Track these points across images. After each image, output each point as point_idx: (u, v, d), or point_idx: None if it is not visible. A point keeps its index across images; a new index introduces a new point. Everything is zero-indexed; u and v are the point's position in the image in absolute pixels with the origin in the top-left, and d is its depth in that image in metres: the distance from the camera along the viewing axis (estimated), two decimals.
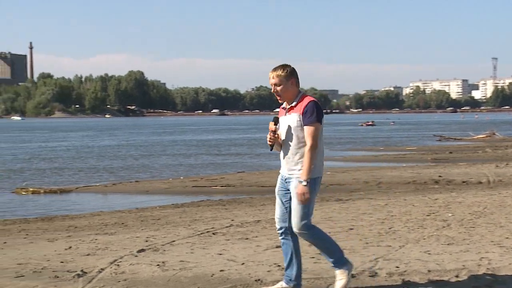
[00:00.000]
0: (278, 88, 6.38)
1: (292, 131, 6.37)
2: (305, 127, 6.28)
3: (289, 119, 6.41)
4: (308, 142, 6.24)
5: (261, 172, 25.72)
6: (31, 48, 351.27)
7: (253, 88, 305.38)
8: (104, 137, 67.93)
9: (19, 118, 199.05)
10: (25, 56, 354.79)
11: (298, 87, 6.46)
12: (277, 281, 7.20)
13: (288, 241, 6.71)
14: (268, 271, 7.90)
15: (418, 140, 50.65)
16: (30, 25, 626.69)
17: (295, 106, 6.39)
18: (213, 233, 10.94)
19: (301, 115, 6.31)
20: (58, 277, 7.84)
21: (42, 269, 8.33)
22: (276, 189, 6.73)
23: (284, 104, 6.55)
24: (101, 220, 13.72)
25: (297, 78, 6.48)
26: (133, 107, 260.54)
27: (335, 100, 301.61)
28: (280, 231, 6.73)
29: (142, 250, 9.29)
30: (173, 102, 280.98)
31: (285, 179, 6.57)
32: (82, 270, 8.07)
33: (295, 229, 6.49)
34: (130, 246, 9.62)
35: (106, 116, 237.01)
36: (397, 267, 7.87)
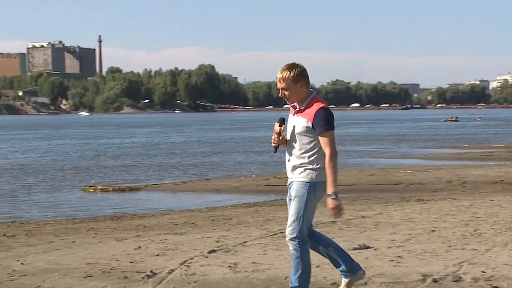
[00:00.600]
0: (286, 93, 6.34)
1: (297, 136, 6.34)
2: (320, 137, 6.21)
3: (296, 122, 6.36)
4: (327, 151, 6.18)
5: (340, 170, 26.01)
6: (100, 41, 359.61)
7: (328, 82, 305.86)
8: (173, 134, 69.17)
9: (86, 113, 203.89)
10: (94, 50, 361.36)
11: (308, 87, 6.43)
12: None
13: (315, 244, 6.65)
14: None
15: (507, 137, 50.22)
16: (99, 18, 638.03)
17: (304, 110, 6.33)
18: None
19: (310, 122, 6.26)
20: (127, 277, 8.07)
21: (111, 269, 8.59)
22: (288, 196, 6.68)
23: (295, 103, 6.58)
24: (170, 220, 14.01)
25: (307, 78, 6.44)
26: (204, 102, 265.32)
27: (416, 95, 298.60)
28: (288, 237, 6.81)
29: (213, 251, 9.44)
30: (245, 97, 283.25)
31: (289, 184, 6.56)
32: (151, 271, 8.26)
33: (287, 237, 6.45)
34: (201, 247, 9.78)
35: (176, 111, 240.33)
36: (483, 272, 7.86)
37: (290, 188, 6.54)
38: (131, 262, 9.05)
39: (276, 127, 6.36)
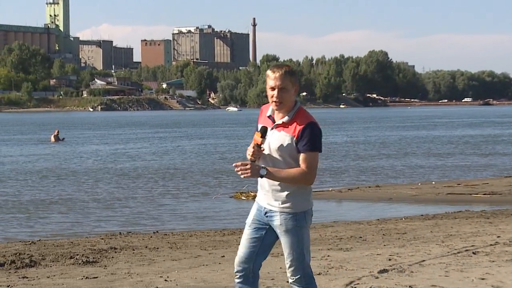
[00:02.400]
0: (282, 95, 6.14)
1: (280, 156, 6.17)
2: (302, 154, 6.08)
3: (278, 138, 6.19)
4: (306, 168, 6.04)
5: None
6: (254, 25, 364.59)
7: None
8: (333, 132, 69.23)
9: (235, 109, 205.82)
10: (247, 35, 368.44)
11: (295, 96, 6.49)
12: None
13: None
14: None
15: None
16: None
17: (288, 123, 6.18)
18: (474, 252, 11.11)
19: (295, 138, 6.11)
20: None
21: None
22: (248, 220, 6.48)
23: (270, 111, 6.32)
24: (334, 233, 14.17)
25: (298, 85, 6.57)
26: (374, 95, 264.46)
27: None
28: (240, 274, 6.52)
29: (385, 271, 9.50)
30: (423, 89, 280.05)
31: (265, 213, 6.34)
32: None
33: (291, 279, 6.35)
34: (370, 265, 9.87)
35: (341, 106, 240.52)
36: None
37: (264, 215, 6.28)
38: (287, 281, 9.14)
39: (257, 138, 6.19)
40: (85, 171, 31.86)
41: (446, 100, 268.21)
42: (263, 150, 6.18)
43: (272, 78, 6.20)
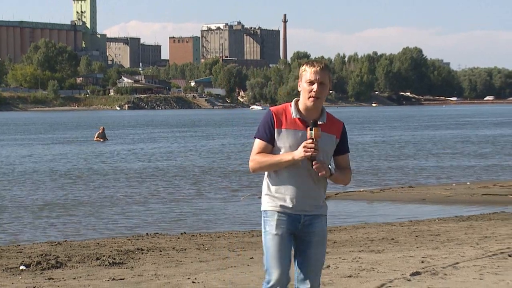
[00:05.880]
0: (323, 90, 6.14)
1: (325, 156, 6.18)
2: (344, 155, 6.22)
3: (326, 141, 6.20)
4: (349, 172, 6.26)
5: None
6: (285, 21, 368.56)
7: None
8: (358, 131, 69.22)
9: (259, 107, 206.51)
10: (278, 31, 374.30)
11: None
12: None
13: None
14: None
15: None
16: None
17: (326, 124, 6.20)
18: (509, 255, 11.24)
19: (337, 139, 6.22)
20: None
21: None
22: (278, 230, 6.36)
23: (296, 113, 6.21)
24: (365, 234, 14.37)
25: None
26: (408, 93, 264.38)
27: None
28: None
29: (417, 273, 9.60)
30: (459, 87, 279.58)
31: (303, 220, 6.31)
32: None
33: None
34: (402, 268, 9.98)
35: (373, 104, 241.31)
36: None
37: (301, 223, 6.27)
38: (320, 284, 9.31)
39: (316, 133, 6.06)
40: (115, 171, 32.10)
41: (492, 97, 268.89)
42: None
43: (311, 72, 6.17)
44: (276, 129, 6.23)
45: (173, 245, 13.98)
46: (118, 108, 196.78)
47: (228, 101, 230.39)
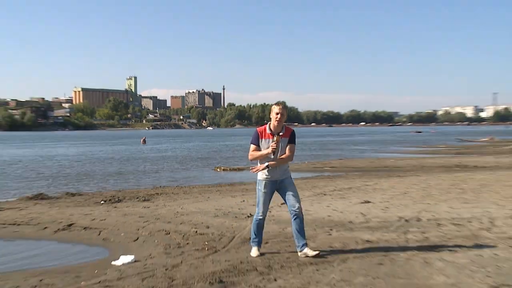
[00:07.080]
0: (282, 118, 7.55)
1: (283, 149, 7.73)
2: (293, 145, 7.74)
3: (283, 142, 7.66)
4: (291, 153, 7.73)
5: (354, 159, 32.79)
6: (223, 89, 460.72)
7: None
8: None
9: (211, 128, 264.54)
10: (220, 94, 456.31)
11: None
12: (361, 222, 9.83)
13: (263, 221, 7.88)
14: (356, 216, 10.73)
15: (447, 141, 64.11)
16: (224, 69, 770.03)
17: (284, 133, 7.75)
18: (324, 194, 14.69)
19: (287, 138, 7.63)
20: (237, 217, 11.25)
21: (228, 212, 11.86)
22: (265, 189, 7.74)
23: (268, 130, 7.87)
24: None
25: None
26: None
27: (397, 118, 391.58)
28: (262, 217, 7.88)
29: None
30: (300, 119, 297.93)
31: (278, 181, 7.58)
32: (250, 214, 11.38)
33: (299, 210, 7.72)
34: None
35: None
36: (433, 215, 10.63)
37: (277, 183, 7.81)
38: (239, 209, 12.49)
39: (278, 138, 7.87)
40: (149, 157, 42.56)
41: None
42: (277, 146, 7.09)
43: (277, 108, 7.61)
44: (260, 139, 7.76)
45: (172, 191, 17.18)
46: (147, 129, 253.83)
47: (197, 125, 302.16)
